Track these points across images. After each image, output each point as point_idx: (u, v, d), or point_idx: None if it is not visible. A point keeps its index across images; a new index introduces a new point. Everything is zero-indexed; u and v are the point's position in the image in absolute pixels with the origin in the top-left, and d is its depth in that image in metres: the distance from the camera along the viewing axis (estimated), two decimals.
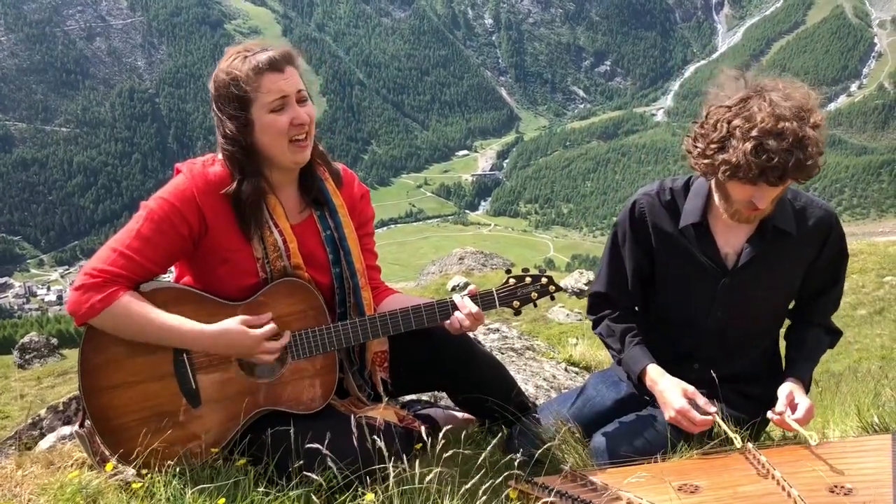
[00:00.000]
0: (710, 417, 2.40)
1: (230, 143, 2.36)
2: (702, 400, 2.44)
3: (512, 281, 2.59)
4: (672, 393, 2.46)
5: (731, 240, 2.54)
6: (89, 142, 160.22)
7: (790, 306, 2.72)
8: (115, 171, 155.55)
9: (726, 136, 2.28)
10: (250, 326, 2.34)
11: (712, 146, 2.31)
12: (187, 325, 2.31)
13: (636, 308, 2.77)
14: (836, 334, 2.71)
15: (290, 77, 2.35)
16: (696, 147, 2.39)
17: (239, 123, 2.34)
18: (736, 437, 2.34)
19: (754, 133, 2.21)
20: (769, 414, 2.44)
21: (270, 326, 2.36)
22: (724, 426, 2.39)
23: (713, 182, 2.50)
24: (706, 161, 2.35)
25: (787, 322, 2.76)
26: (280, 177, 2.48)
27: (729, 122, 2.28)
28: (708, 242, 2.54)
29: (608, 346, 2.74)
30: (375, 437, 2.10)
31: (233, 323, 2.33)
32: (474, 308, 2.49)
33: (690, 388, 2.47)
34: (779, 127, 2.21)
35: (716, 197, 2.51)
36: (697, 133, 2.40)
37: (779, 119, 2.22)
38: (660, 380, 2.52)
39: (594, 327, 2.79)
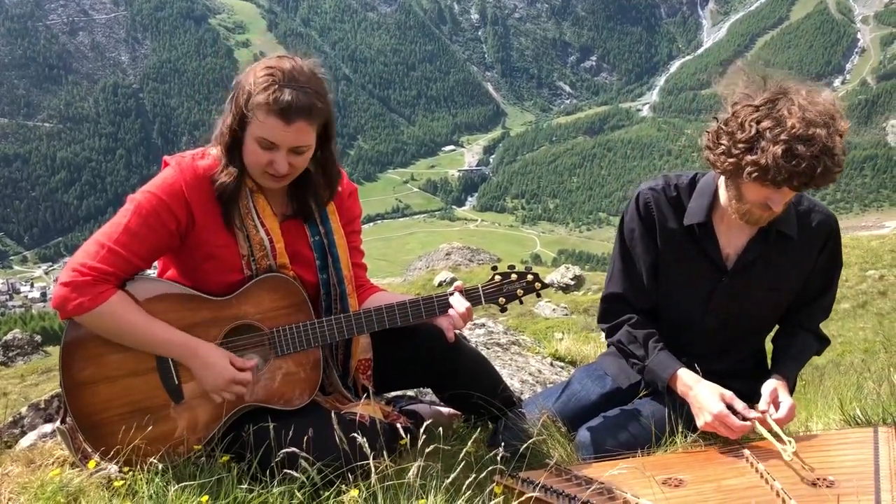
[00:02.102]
0: (748, 423, 2.34)
1: (225, 131, 2.34)
2: (740, 405, 2.38)
3: (498, 278, 2.58)
4: (709, 397, 2.40)
5: (733, 240, 2.53)
6: (73, 137, 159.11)
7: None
8: (99, 166, 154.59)
9: (755, 137, 2.23)
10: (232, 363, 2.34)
11: (739, 146, 2.26)
12: (173, 338, 2.30)
13: (651, 308, 2.70)
14: (824, 341, 2.69)
15: (293, 132, 2.26)
16: (720, 145, 2.33)
17: (235, 126, 2.31)
18: (785, 449, 2.26)
19: (784, 136, 2.18)
20: (751, 412, 2.41)
21: (248, 375, 2.35)
22: (765, 433, 2.32)
23: (724, 181, 2.46)
24: (731, 160, 2.30)
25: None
26: None
27: (758, 123, 2.24)
28: (710, 242, 2.52)
29: (629, 354, 2.66)
30: (358, 433, 2.08)
31: (219, 354, 2.33)
32: (464, 307, 2.50)
33: (728, 393, 2.40)
34: (809, 132, 2.18)
35: (723, 197, 2.49)
36: (722, 130, 2.34)
37: (809, 124, 2.18)
38: (695, 385, 2.45)
39: (609, 335, 2.73)
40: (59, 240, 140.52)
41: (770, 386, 2.46)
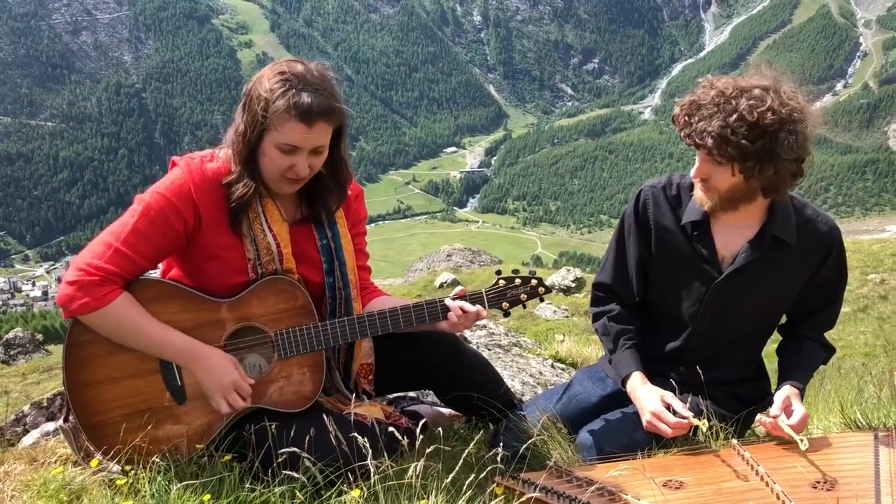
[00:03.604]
0: (685, 421, 2.38)
1: (239, 140, 2.33)
2: (678, 405, 2.41)
3: (501, 282, 2.57)
4: (649, 398, 2.45)
5: (730, 242, 2.52)
6: (75, 137, 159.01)
7: (782, 321, 2.70)
8: (102, 166, 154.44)
9: (698, 102, 2.32)
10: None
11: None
12: (177, 341, 2.31)
13: (637, 303, 2.72)
14: (829, 350, 2.68)
15: (315, 133, 2.26)
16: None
17: (251, 135, 2.29)
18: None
19: (709, 86, 2.32)
20: (762, 417, 2.42)
21: (249, 389, 2.36)
22: (695, 421, 2.36)
23: None
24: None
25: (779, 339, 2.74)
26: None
27: (711, 89, 2.32)
28: (706, 242, 2.52)
29: (603, 343, 2.74)
30: (359, 434, 2.10)
31: (222, 357, 2.34)
32: (472, 308, 2.49)
33: (668, 395, 2.45)
34: (732, 103, 2.24)
35: None
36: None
37: (742, 94, 2.25)
38: (640, 387, 2.50)
39: (594, 321, 2.78)
40: (60, 239, 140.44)
41: (783, 394, 2.45)
